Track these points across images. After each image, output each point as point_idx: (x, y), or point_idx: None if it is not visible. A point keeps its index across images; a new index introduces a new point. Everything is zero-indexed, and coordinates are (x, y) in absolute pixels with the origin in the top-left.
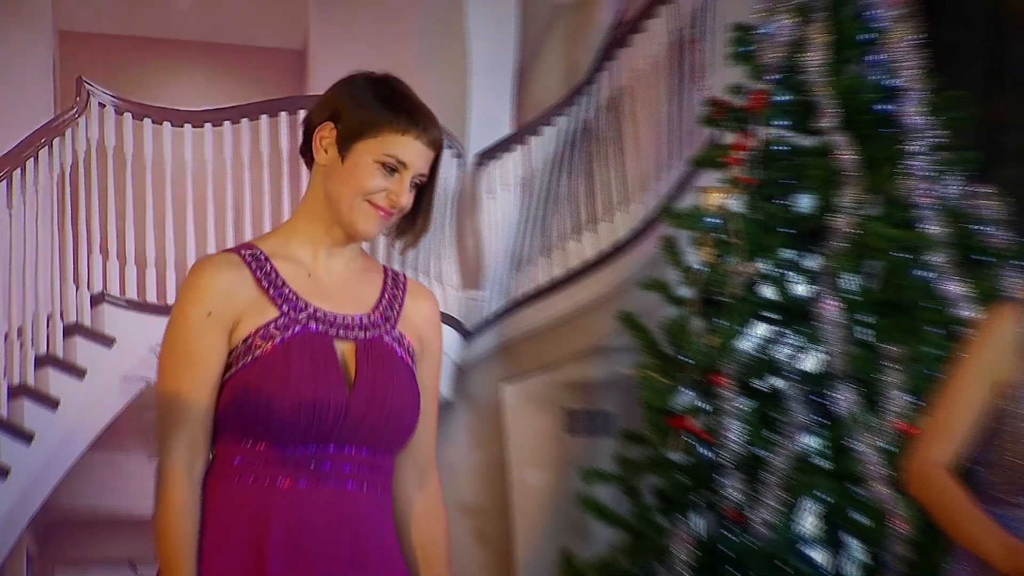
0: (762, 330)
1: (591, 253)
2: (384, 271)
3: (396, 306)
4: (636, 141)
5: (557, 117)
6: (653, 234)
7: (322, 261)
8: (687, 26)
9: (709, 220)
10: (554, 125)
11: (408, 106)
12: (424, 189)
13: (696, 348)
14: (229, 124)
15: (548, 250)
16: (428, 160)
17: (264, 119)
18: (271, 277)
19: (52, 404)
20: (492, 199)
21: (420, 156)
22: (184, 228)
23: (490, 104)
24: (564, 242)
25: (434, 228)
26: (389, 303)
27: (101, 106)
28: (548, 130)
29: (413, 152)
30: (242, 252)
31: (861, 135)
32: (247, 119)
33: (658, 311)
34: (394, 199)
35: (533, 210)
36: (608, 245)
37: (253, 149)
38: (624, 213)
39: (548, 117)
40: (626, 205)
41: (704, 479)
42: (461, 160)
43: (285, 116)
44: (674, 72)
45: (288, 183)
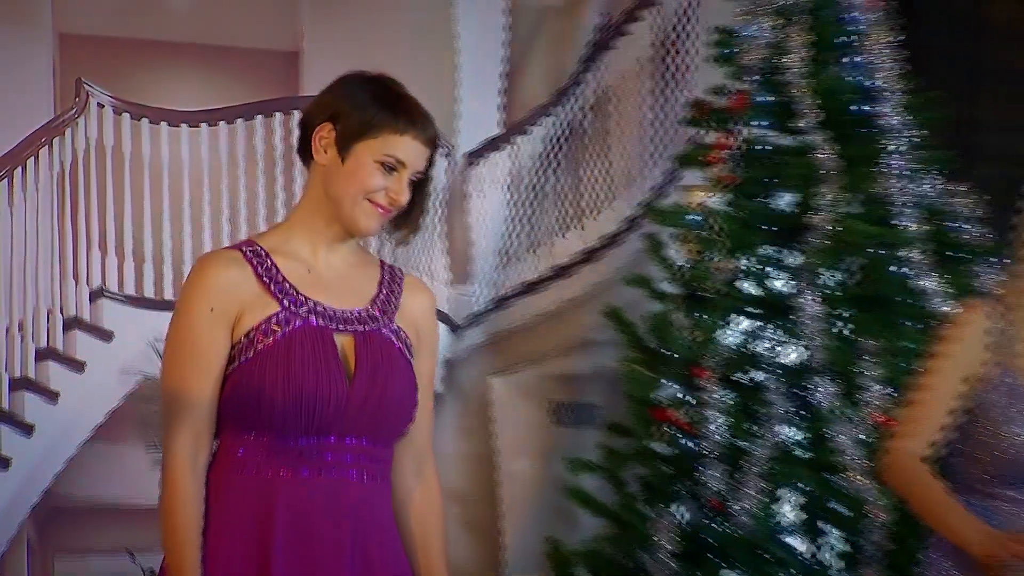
0: (743, 325)
1: (577, 249)
2: (381, 265)
3: (394, 300)
4: (621, 140)
5: (544, 117)
6: (638, 231)
7: (322, 257)
8: (671, 29)
9: (692, 217)
10: (541, 125)
11: (406, 106)
12: (420, 185)
13: (679, 342)
14: (225, 124)
15: (536, 246)
16: (425, 158)
17: (259, 119)
18: (272, 273)
19: (52, 396)
20: (481, 197)
21: (418, 155)
22: (181, 225)
23: (479, 105)
24: (551, 239)
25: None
26: (387, 297)
27: (100, 106)
28: (535, 130)
29: (411, 151)
30: (243, 249)
31: (840, 135)
32: (242, 119)
33: (642, 306)
34: (394, 197)
35: (521, 208)
36: (594, 242)
37: (248, 148)
38: (609, 210)
39: (535, 117)
40: (611, 203)
41: (687, 469)
42: (451, 159)
43: (279, 116)
44: (658, 73)
45: (282, 181)
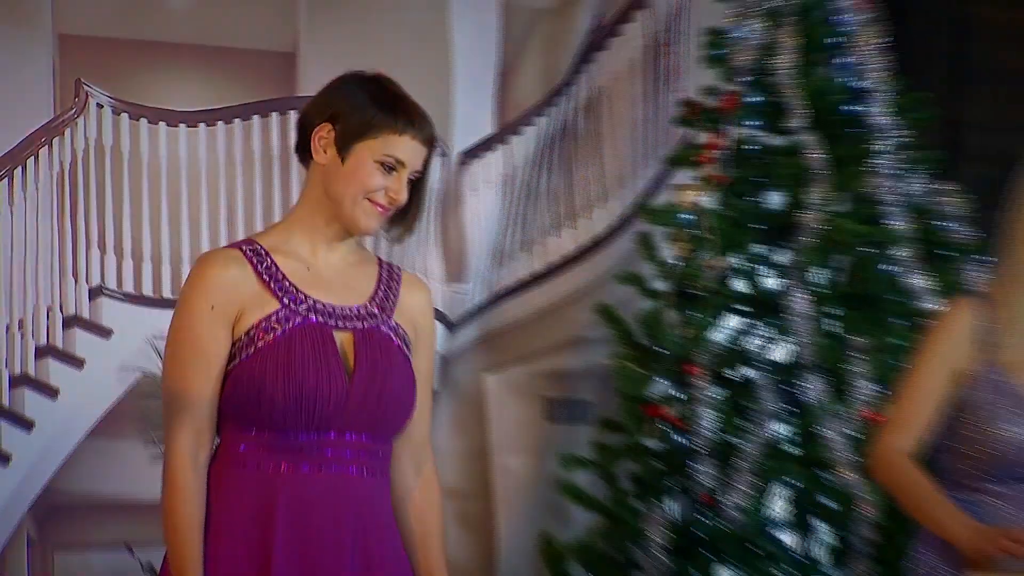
0: (734, 322)
1: (570, 248)
2: (379, 263)
3: (392, 297)
4: (613, 140)
5: (537, 117)
6: (629, 230)
7: (321, 255)
8: (662, 30)
9: (683, 216)
10: (535, 125)
11: (404, 107)
12: (417, 184)
13: (671, 339)
14: (222, 124)
15: (529, 245)
16: (423, 157)
17: (256, 119)
18: (271, 271)
19: (52, 393)
20: (475, 196)
21: (416, 154)
22: (179, 223)
23: (473, 105)
24: (544, 237)
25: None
26: (385, 294)
27: (99, 107)
28: (529, 130)
29: (410, 151)
30: (243, 247)
31: (829, 135)
32: (239, 119)
33: (634, 303)
34: (394, 197)
35: (514, 207)
36: (587, 240)
37: (245, 148)
38: (602, 209)
39: (529, 117)
40: (604, 202)
41: (678, 465)
42: (445, 159)
43: (276, 116)
44: (649, 74)
45: (279, 181)
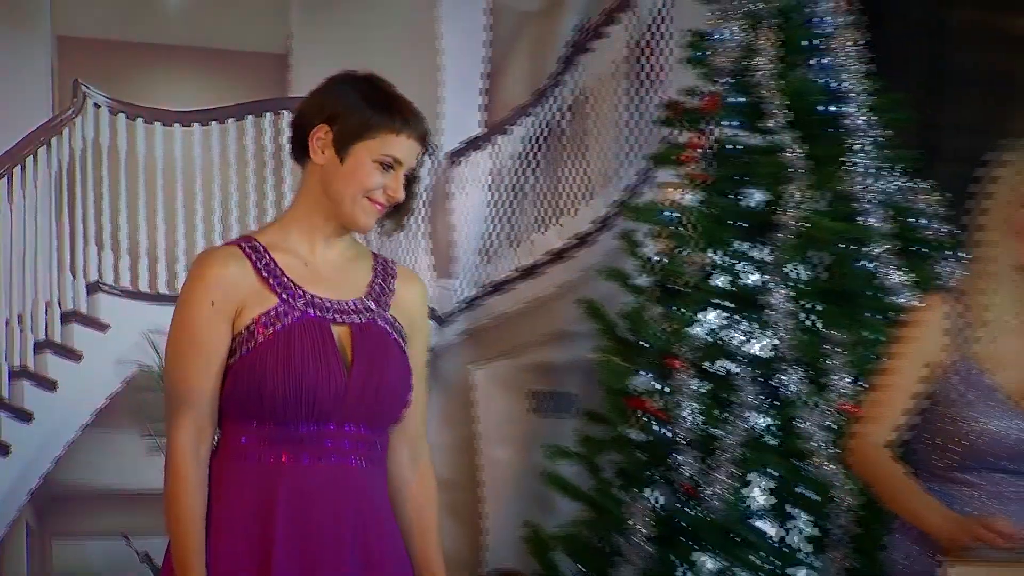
0: (715, 317)
1: (556, 244)
2: (375, 258)
3: (388, 291)
4: (598, 140)
5: (524, 117)
6: (613, 227)
7: (319, 251)
8: (645, 33)
9: (666, 214)
10: (521, 125)
11: (399, 107)
12: (410, 179)
13: (653, 333)
14: (216, 124)
15: (516, 241)
16: (418, 154)
17: (249, 119)
18: (270, 267)
19: (50, 386)
20: (463, 194)
21: (412, 152)
22: (175, 221)
23: (461, 106)
24: (531, 234)
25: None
26: (381, 288)
27: (96, 107)
28: (515, 130)
29: (407, 150)
30: (242, 245)
31: (808, 134)
32: (233, 119)
33: (618, 299)
34: (392, 195)
35: (502, 205)
36: (572, 237)
37: (239, 147)
38: (587, 207)
39: (515, 117)
40: (588, 199)
41: (661, 456)
42: (434, 158)
43: (269, 116)
44: (633, 76)
45: (272, 179)
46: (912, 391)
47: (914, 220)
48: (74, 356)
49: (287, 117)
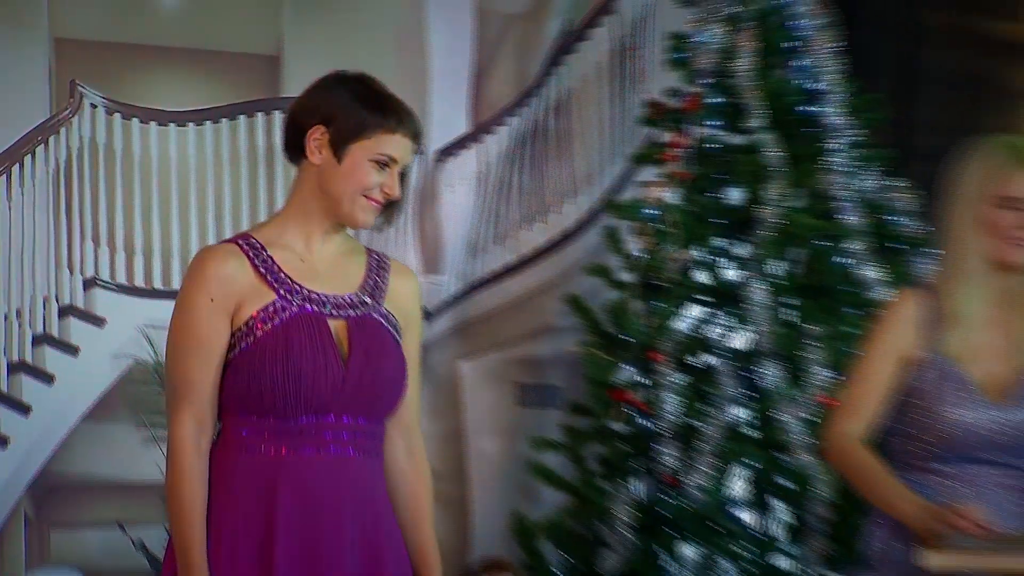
0: (696, 311)
1: (541, 241)
2: (368, 253)
3: (382, 285)
4: (582, 139)
5: (510, 117)
6: (597, 224)
7: (315, 247)
8: (628, 35)
9: (648, 211)
10: (507, 125)
11: (393, 106)
12: (402, 174)
13: (636, 328)
14: (210, 124)
15: (502, 238)
16: (412, 151)
17: (242, 119)
18: (268, 264)
19: (48, 379)
20: (451, 192)
21: (407, 150)
22: (169, 218)
23: (449, 106)
24: (516, 231)
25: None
26: (375, 283)
27: (93, 107)
28: (502, 129)
29: (402, 148)
30: (239, 242)
31: (786, 134)
32: (226, 119)
33: (601, 294)
34: (388, 192)
35: (488, 202)
36: (556, 234)
37: (232, 146)
38: (571, 204)
39: (502, 117)
40: (573, 197)
41: (643, 447)
42: (422, 157)
43: (261, 116)
44: (616, 76)
45: (264, 177)
46: (886, 385)
47: (889, 217)
48: (71, 350)
49: (279, 117)
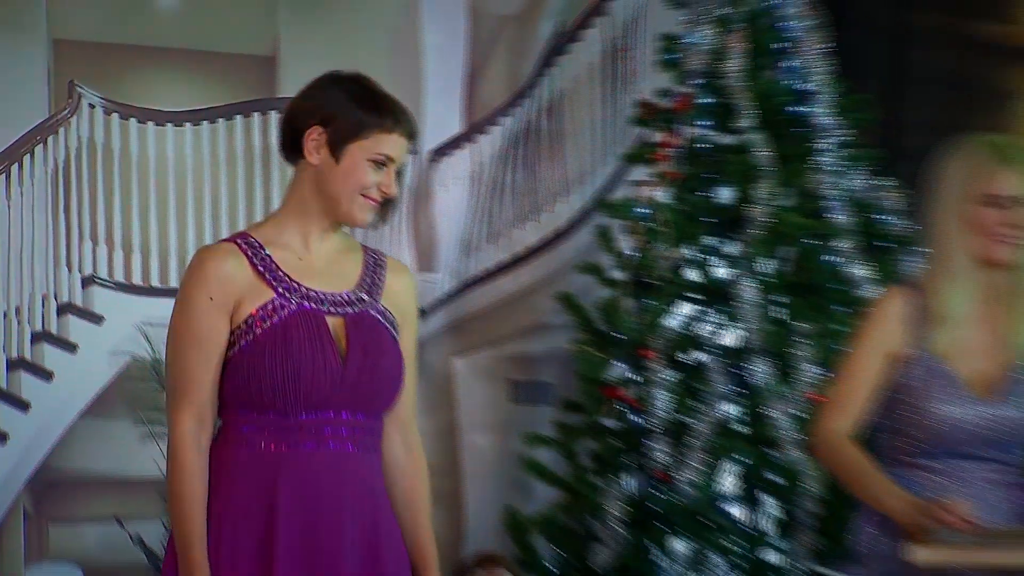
0: (687, 309)
1: (534, 240)
2: (364, 250)
3: (379, 282)
4: (574, 139)
5: (503, 118)
6: (589, 223)
7: (313, 245)
8: (620, 36)
9: (639, 210)
10: (500, 125)
11: (389, 106)
12: (397, 172)
13: (627, 325)
14: (207, 124)
15: (495, 237)
16: (407, 150)
17: (238, 119)
18: (266, 262)
19: (47, 376)
20: (445, 191)
21: (403, 149)
22: (166, 217)
23: (442, 106)
24: (510, 230)
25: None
26: (372, 279)
27: (91, 107)
28: (495, 129)
29: (398, 148)
30: (238, 241)
31: (776, 134)
32: (223, 119)
33: (593, 292)
34: (386, 191)
35: (482, 201)
36: (549, 232)
37: (228, 146)
38: (563, 203)
39: (495, 117)
40: (565, 196)
41: (634, 443)
42: (416, 156)
43: (257, 116)
44: (608, 77)
45: (260, 176)
46: (873, 381)
47: (878, 216)
48: (70, 347)
49: (275, 117)
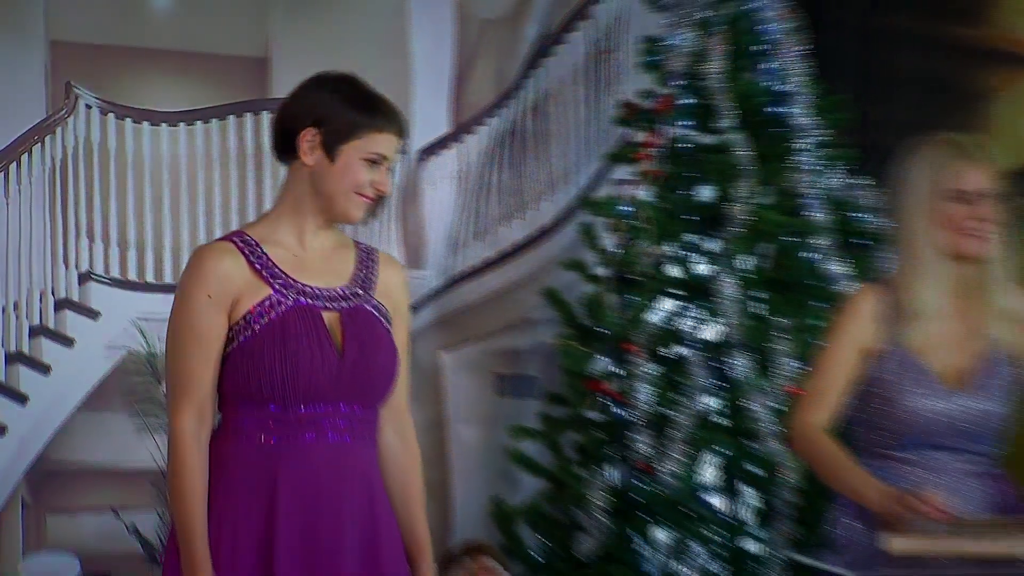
0: (668, 304)
1: (520, 237)
2: (357, 246)
3: (372, 276)
4: (559, 139)
5: (490, 118)
6: (573, 220)
7: (307, 243)
8: (603, 39)
9: (622, 208)
10: (487, 125)
11: (380, 106)
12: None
13: (611, 320)
14: (200, 124)
15: (482, 234)
16: (398, 147)
17: (231, 119)
18: (262, 260)
19: (44, 370)
20: (433, 190)
21: (394, 147)
22: (161, 214)
23: (430, 107)
24: (496, 227)
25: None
26: (365, 274)
27: (87, 107)
28: (482, 129)
29: (390, 146)
30: (234, 239)
31: (755, 134)
32: (216, 119)
33: (577, 288)
34: (380, 188)
35: (469, 199)
36: (534, 230)
37: (221, 146)
38: (548, 202)
39: (482, 118)
40: (550, 195)
41: (618, 435)
42: (405, 156)
43: (250, 117)
44: (591, 79)
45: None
46: (848, 376)
47: (854, 214)
48: (67, 341)
49: (267, 117)
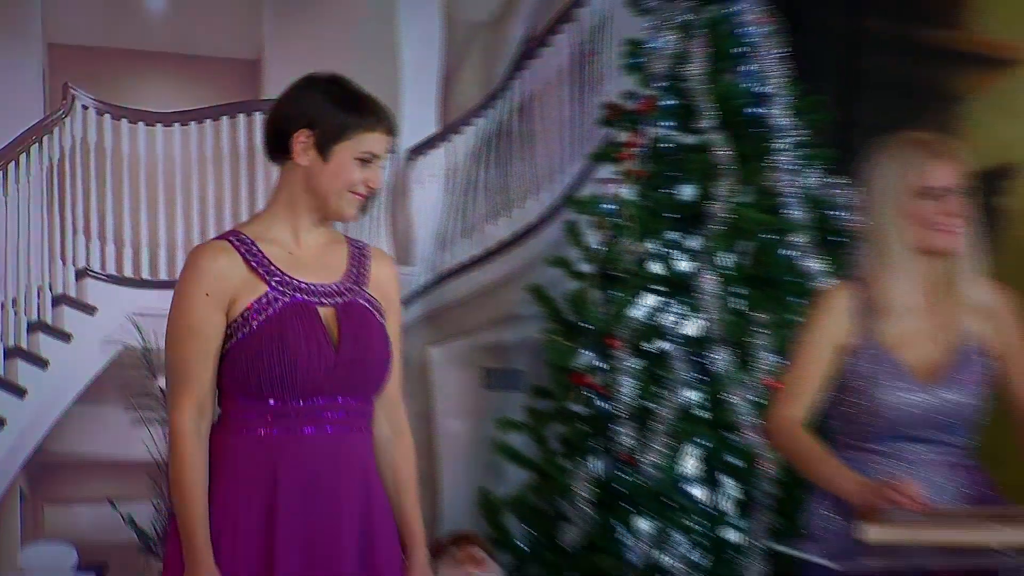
0: (651, 300)
1: (506, 234)
2: (348, 242)
3: (364, 271)
4: (544, 139)
5: (477, 118)
6: (558, 218)
7: (301, 240)
8: (587, 41)
9: (605, 206)
10: (474, 125)
11: (370, 105)
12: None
13: (595, 316)
14: (195, 124)
15: (469, 232)
16: (389, 145)
17: (224, 120)
18: (258, 257)
19: (42, 364)
20: (421, 188)
21: (385, 146)
22: (156, 212)
23: (419, 107)
24: (483, 225)
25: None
26: (358, 270)
27: (84, 108)
28: (469, 129)
29: (381, 145)
30: (230, 238)
31: (735, 134)
32: (210, 120)
33: (562, 284)
34: (372, 186)
35: (456, 197)
36: (520, 227)
37: (215, 146)
38: (534, 200)
39: (469, 118)
40: (535, 193)
41: (601, 427)
42: (394, 155)
43: (243, 117)
44: (576, 80)
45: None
46: (823, 371)
47: (831, 212)
48: (64, 336)
49: (259, 118)
